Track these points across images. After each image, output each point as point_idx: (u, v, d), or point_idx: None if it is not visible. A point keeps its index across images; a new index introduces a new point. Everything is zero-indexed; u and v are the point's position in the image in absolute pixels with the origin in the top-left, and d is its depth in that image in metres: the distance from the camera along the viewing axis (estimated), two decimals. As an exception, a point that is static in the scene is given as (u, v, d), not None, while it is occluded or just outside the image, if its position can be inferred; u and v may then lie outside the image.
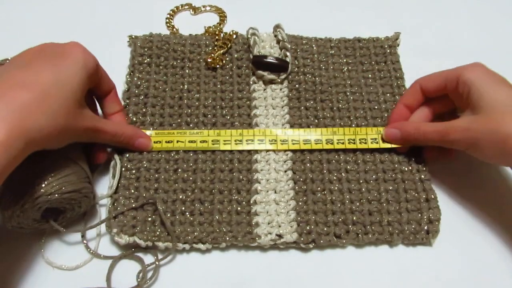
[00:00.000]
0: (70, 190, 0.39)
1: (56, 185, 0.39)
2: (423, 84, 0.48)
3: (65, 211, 0.41)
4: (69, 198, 0.40)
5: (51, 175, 0.39)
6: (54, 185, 0.39)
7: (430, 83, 0.48)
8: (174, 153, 0.48)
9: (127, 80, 0.53)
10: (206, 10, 0.64)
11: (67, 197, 0.39)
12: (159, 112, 0.51)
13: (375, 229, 0.44)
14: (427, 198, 0.46)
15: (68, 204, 0.40)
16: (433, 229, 0.44)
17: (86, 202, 0.42)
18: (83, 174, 0.41)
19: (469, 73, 0.44)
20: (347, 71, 0.56)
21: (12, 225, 0.40)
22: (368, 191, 0.46)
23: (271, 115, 0.51)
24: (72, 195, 0.40)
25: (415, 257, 0.44)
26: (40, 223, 0.41)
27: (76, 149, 0.43)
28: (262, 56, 0.53)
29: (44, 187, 0.38)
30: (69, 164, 0.41)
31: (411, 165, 0.48)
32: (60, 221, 0.42)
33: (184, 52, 0.56)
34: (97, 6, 0.63)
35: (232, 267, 0.43)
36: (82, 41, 0.58)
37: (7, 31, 0.59)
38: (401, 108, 0.49)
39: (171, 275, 0.42)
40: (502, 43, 0.61)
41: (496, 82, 0.43)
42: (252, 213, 0.44)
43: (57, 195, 0.39)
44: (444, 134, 0.43)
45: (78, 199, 0.41)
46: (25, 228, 0.41)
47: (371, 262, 0.43)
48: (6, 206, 0.38)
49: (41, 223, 0.41)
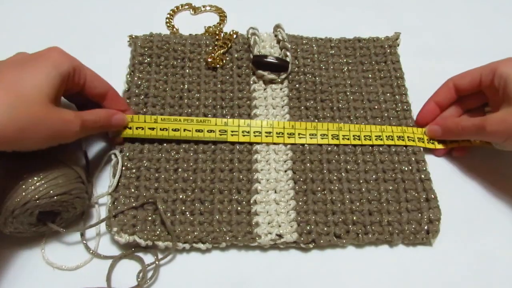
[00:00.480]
0: (58, 193, 0.39)
1: (43, 189, 0.38)
2: (457, 81, 0.49)
3: (60, 213, 0.41)
4: (60, 200, 0.39)
5: (39, 179, 0.38)
6: (41, 190, 0.38)
7: (464, 79, 0.49)
8: (174, 152, 0.48)
9: (128, 80, 0.53)
10: (206, 10, 0.64)
11: (57, 199, 0.39)
12: (159, 111, 0.50)
13: (375, 229, 0.44)
14: (427, 198, 0.46)
15: (61, 206, 0.40)
16: (433, 229, 0.44)
17: (80, 202, 0.42)
18: (73, 175, 0.41)
19: (506, 67, 0.45)
20: (347, 71, 0.56)
21: (10, 231, 0.40)
22: (368, 191, 0.46)
23: (271, 115, 0.51)
24: (62, 197, 0.39)
25: (415, 257, 0.44)
26: (38, 226, 0.41)
27: (66, 150, 0.42)
28: (262, 56, 0.53)
29: (31, 192, 0.38)
30: (58, 166, 0.40)
31: (411, 165, 0.48)
32: (58, 222, 0.42)
33: (185, 52, 0.56)
34: (97, 6, 0.63)
35: (232, 267, 0.43)
36: (82, 41, 0.58)
37: (7, 31, 0.59)
38: (432, 105, 0.51)
39: (171, 275, 0.42)
40: (502, 43, 0.61)
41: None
42: (252, 213, 0.44)
43: (46, 199, 0.38)
44: (482, 127, 0.44)
45: (70, 201, 0.40)
46: (23, 232, 0.41)
47: (371, 262, 0.43)
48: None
49: (38, 226, 0.41)
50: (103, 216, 0.44)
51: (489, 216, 0.46)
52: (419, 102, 0.53)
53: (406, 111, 0.52)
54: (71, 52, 0.56)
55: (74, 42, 0.58)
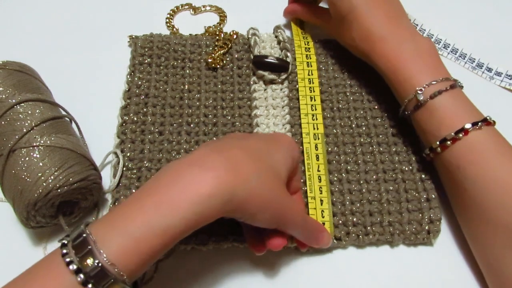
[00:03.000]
0: (77, 179, 0.39)
1: (63, 177, 0.39)
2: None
3: (79, 202, 0.42)
4: (79, 187, 0.40)
5: (56, 169, 0.39)
6: (61, 179, 0.39)
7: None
8: (175, 153, 0.48)
9: (128, 80, 0.53)
10: (206, 10, 0.64)
11: (77, 186, 0.39)
12: (160, 112, 0.50)
13: (375, 230, 0.44)
14: (427, 198, 0.46)
15: (80, 194, 0.41)
16: (434, 229, 0.44)
17: (97, 189, 0.43)
18: (86, 163, 0.42)
19: None
20: (347, 71, 0.56)
21: (32, 225, 0.40)
22: (369, 191, 0.46)
23: (271, 115, 0.51)
24: (81, 184, 0.40)
25: (416, 257, 0.44)
26: (57, 218, 0.41)
27: (74, 139, 0.43)
28: (262, 56, 0.53)
29: (52, 182, 0.38)
30: (71, 155, 0.41)
31: (411, 165, 0.48)
32: (76, 213, 0.43)
33: (185, 52, 0.56)
34: (97, 6, 0.63)
35: (232, 267, 0.43)
36: (82, 41, 0.58)
37: (7, 31, 0.59)
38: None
39: (171, 275, 0.42)
40: (502, 43, 0.61)
41: None
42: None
43: (66, 187, 0.39)
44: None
45: (88, 187, 0.41)
46: (45, 226, 0.41)
47: (372, 262, 0.43)
48: (20, 208, 0.39)
49: (58, 218, 0.41)
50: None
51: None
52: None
53: (406, 111, 0.52)
54: (72, 52, 0.57)
55: (74, 42, 0.58)
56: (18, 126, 0.41)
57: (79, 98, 0.52)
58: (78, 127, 0.47)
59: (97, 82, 0.54)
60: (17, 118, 0.41)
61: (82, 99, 0.52)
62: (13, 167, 0.39)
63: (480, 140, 0.41)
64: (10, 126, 0.41)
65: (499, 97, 0.56)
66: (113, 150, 0.47)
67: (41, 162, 0.39)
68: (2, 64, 0.45)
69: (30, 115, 0.42)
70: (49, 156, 0.40)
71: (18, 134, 0.40)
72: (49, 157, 0.40)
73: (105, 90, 0.53)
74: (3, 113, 0.41)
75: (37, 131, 0.41)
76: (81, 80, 0.55)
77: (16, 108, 0.42)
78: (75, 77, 0.55)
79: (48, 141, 0.40)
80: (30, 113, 0.42)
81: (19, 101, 0.42)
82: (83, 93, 0.53)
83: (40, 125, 0.41)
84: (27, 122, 0.41)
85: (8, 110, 0.42)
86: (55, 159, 0.40)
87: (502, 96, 0.56)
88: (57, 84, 0.53)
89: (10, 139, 0.40)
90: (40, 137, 0.41)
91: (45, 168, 0.39)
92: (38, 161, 0.39)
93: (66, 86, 0.53)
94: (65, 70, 0.55)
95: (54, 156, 0.40)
